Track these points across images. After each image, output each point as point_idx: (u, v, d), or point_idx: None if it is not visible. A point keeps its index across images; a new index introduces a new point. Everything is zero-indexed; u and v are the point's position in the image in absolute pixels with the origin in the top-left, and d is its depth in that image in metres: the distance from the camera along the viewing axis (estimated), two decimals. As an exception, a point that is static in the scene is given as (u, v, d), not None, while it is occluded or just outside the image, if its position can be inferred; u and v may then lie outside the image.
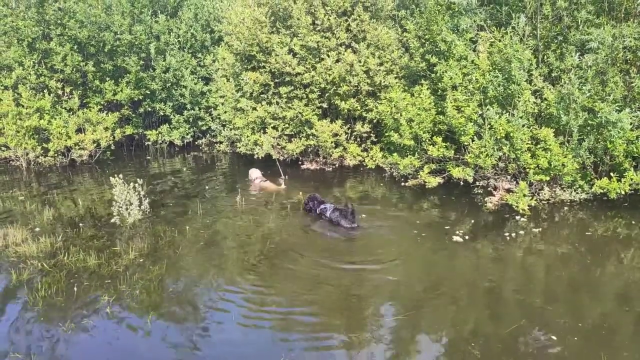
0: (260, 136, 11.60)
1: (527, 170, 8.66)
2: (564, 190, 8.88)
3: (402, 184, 10.33)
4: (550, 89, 8.78)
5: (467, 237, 7.60)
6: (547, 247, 7.36)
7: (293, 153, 11.62)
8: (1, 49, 12.52)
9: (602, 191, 8.42)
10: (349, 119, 11.95)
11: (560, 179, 8.78)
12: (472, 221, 8.33)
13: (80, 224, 8.39)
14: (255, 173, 11.01)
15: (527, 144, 8.55)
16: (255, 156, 11.70)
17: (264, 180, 10.85)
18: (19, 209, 9.34)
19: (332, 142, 11.20)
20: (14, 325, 5.44)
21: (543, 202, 8.96)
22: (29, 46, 12.78)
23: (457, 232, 7.75)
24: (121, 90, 13.88)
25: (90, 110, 13.12)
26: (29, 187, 11.11)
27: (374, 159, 10.73)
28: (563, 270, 6.62)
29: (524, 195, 8.38)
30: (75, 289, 6.14)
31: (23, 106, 12.26)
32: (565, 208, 8.81)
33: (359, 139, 11.79)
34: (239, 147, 12.21)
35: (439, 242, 7.48)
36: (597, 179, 8.54)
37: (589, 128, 8.46)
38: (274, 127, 11.55)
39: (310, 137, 11.41)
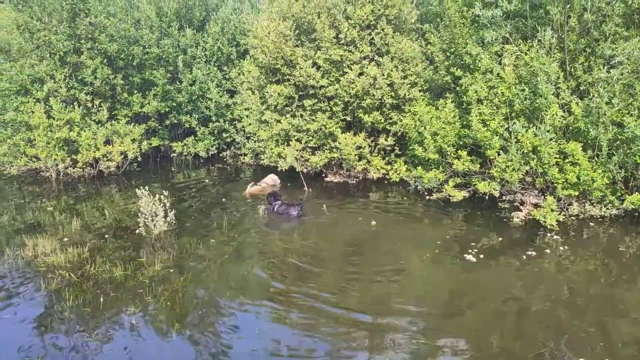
0: (284, 148, 11.66)
1: (555, 185, 8.51)
2: (594, 206, 8.69)
3: (427, 197, 10.25)
4: (577, 103, 8.65)
5: (484, 255, 7.48)
6: (575, 264, 7.21)
7: (317, 165, 11.64)
8: (34, 63, 12.85)
9: (633, 207, 8.23)
10: (373, 131, 11.94)
11: (589, 194, 8.60)
12: (498, 237, 8.20)
13: (106, 236, 8.52)
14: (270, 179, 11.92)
15: (555, 158, 8.41)
16: (279, 168, 11.76)
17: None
18: (48, 220, 9.54)
19: (355, 155, 11.19)
20: (42, 334, 5.54)
21: (572, 217, 8.78)
22: (61, 60, 13.10)
23: (471, 250, 7.58)
24: (148, 103, 14.12)
25: (118, 123, 13.38)
26: (58, 197, 11.34)
27: (398, 172, 10.68)
28: (592, 290, 6.46)
29: (552, 211, 8.23)
30: (101, 299, 6.23)
31: (54, 118, 12.56)
32: (595, 224, 8.61)
33: (382, 152, 11.74)
34: (263, 159, 12.30)
35: (459, 260, 7.35)
36: (628, 194, 8.35)
37: (618, 142, 8.29)
38: (297, 140, 11.60)
39: (334, 149, 11.42)
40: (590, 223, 8.63)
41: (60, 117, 12.55)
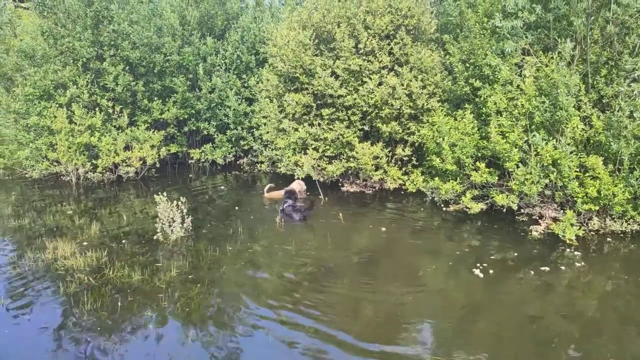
0: (301, 157, 11.68)
1: (575, 199, 8.40)
2: (615, 221, 8.56)
3: (444, 209, 10.19)
4: (599, 116, 8.55)
5: (499, 270, 7.40)
6: (595, 281, 7.08)
7: (333, 175, 11.64)
8: (57, 68, 13.07)
9: (655, 223, 8.10)
10: (390, 141, 11.92)
11: (610, 209, 8.47)
12: (515, 251, 8.09)
13: (124, 241, 8.60)
14: (297, 184, 11.74)
15: (575, 171, 8.32)
16: (296, 177, 11.78)
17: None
18: (68, 223, 9.66)
19: (372, 165, 11.17)
20: (60, 337, 5.60)
21: (592, 232, 8.65)
22: (83, 66, 13.32)
23: (479, 265, 7.48)
24: (168, 110, 14.25)
25: (138, 129, 13.53)
26: (78, 201, 11.49)
27: (414, 182, 10.63)
28: (611, 307, 6.35)
29: (572, 225, 8.12)
30: (119, 303, 6.29)
31: (75, 123, 12.76)
32: (615, 240, 8.46)
33: (399, 162, 11.71)
34: (280, 168, 12.35)
35: (472, 274, 7.27)
36: (650, 210, 8.22)
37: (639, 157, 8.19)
38: (314, 149, 11.63)
39: (351, 159, 11.42)
40: (609, 239, 8.49)
41: (82, 122, 12.74)
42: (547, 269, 7.32)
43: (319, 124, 11.58)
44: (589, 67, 9.04)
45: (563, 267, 7.40)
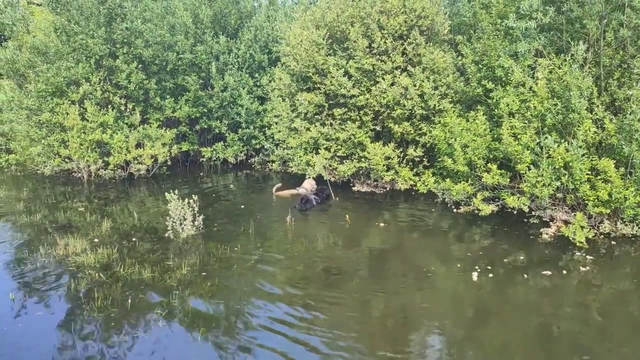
0: (312, 157, 11.69)
1: (586, 202, 8.34)
2: (626, 225, 8.49)
3: (454, 210, 10.15)
4: (611, 119, 8.48)
5: (504, 273, 7.36)
6: (604, 284, 7.03)
7: (344, 175, 11.64)
8: (70, 65, 13.16)
9: (667, 227, 8.02)
10: (402, 142, 11.89)
11: (621, 212, 8.41)
12: (525, 253, 8.04)
13: (134, 238, 8.66)
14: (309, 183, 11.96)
15: (586, 174, 8.25)
16: (307, 176, 11.80)
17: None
18: (79, 220, 9.74)
19: (384, 165, 11.15)
20: (71, 333, 5.65)
21: (603, 236, 8.58)
22: (96, 63, 13.41)
23: (478, 268, 7.42)
24: (180, 108, 14.32)
25: (150, 126, 13.59)
26: (89, 198, 11.59)
27: (425, 183, 10.60)
28: (621, 311, 6.29)
29: (582, 228, 8.07)
30: (129, 301, 6.34)
31: (88, 120, 12.85)
32: (626, 244, 8.38)
33: (411, 163, 11.68)
34: (291, 167, 12.37)
35: (479, 276, 7.25)
36: (662, 214, 8.14)
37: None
38: (326, 148, 11.63)
39: (362, 159, 11.42)
40: (620, 242, 8.41)
41: (94, 119, 12.84)
42: (557, 272, 7.27)
43: (331, 124, 11.59)
44: (602, 69, 8.97)
45: (573, 271, 7.35)
